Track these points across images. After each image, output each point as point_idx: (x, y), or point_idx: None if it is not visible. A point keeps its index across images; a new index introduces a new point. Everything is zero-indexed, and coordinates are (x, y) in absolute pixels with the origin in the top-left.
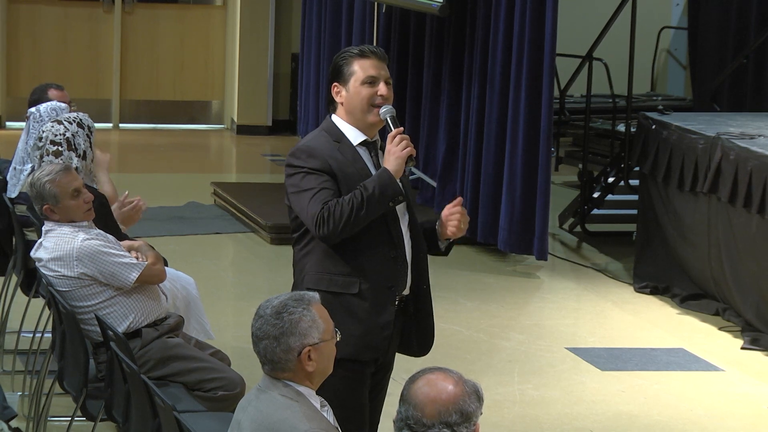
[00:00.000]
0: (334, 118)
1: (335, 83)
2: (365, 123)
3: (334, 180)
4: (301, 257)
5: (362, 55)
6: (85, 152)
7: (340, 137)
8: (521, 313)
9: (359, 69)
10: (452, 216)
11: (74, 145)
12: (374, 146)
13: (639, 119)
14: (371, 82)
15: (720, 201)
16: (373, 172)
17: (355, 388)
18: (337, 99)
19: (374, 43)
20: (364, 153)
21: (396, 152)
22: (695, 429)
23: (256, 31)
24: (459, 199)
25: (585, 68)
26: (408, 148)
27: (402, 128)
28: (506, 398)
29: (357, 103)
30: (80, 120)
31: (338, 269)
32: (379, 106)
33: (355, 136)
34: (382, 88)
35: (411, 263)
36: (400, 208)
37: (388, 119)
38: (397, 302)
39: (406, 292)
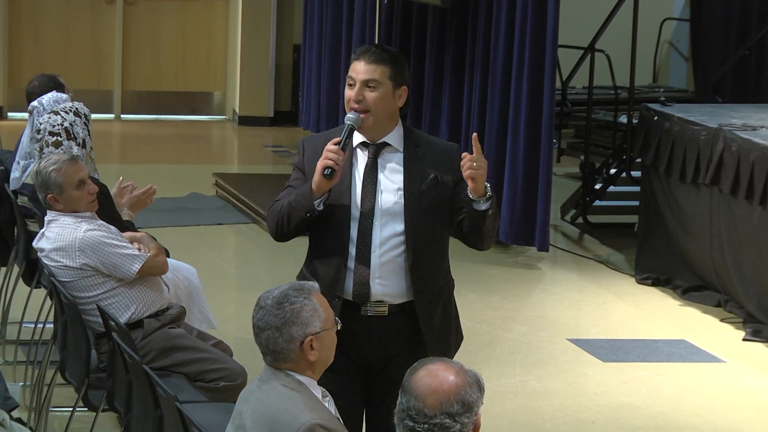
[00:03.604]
0: None
1: None
2: None
3: (306, 179)
4: None
5: (355, 55)
6: (84, 140)
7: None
8: (523, 304)
9: (350, 69)
10: (465, 165)
11: (73, 134)
12: (375, 149)
13: (641, 111)
14: (351, 84)
15: (722, 192)
16: (359, 175)
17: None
18: None
19: (376, 34)
20: (361, 154)
21: (318, 165)
22: (697, 420)
23: (258, 22)
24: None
25: (587, 60)
26: (324, 160)
27: (338, 139)
28: (508, 389)
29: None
30: (76, 109)
31: (307, 269)
32: (356, 110)
33: (358, 136)
34: (350, 92)
35: (410, 270)
36: (385, 218)
37: (345, 127)
38: (371, 311)
39: (385, 299)
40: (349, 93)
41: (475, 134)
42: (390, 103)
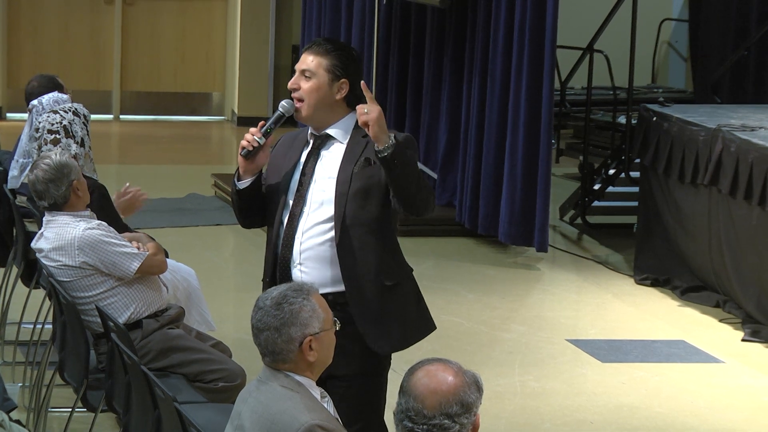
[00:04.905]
0: None
1: None
2: None
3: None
4: None
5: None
6: (82, 139)
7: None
8: (522, 304)
9: None
10: (358, 113)
11: (72, 132)
12: (319, 139)
13: (640, 111)
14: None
15: (721, 193)
16: (300, 164)
17: None
18: None
19: (375, 35)
20: (310, 145)
21: None
22: (696, 421)
23: (257, 22)
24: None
25: (586, 60)
26: (242, 141)
27: (263, 122)
28: (507, 390)
29: None
30: (75, 109)
31: None
32: (293, 98)
33: (311, 128)
34: (291, 80)
35: (339, 256)
36: (314, 205)
37: (278, 112)
38: None
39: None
40: (290, 81)
41: (363, 82)
42: (326, 94)
